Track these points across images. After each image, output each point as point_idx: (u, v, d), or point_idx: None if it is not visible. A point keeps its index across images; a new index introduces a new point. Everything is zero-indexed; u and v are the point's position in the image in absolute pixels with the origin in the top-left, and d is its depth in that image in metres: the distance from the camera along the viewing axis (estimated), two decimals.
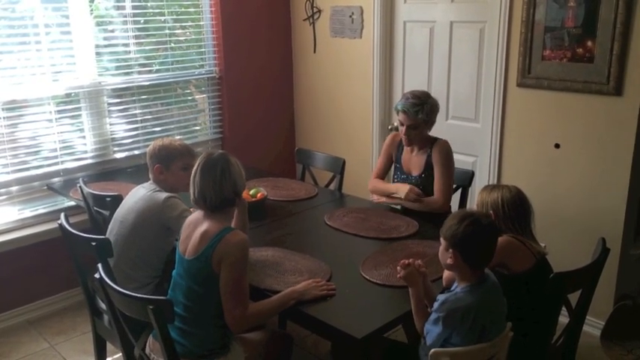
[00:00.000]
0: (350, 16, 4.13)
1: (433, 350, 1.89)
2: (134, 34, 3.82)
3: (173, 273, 2.21)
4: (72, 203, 3.47)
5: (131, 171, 3.76)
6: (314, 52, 4.44)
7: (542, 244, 2.28)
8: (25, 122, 3.46)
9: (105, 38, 3.76)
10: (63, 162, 3.62)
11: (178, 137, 3.98)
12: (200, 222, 2.15)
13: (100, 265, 2.12)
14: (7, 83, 3.34)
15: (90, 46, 3.62)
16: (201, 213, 2.19)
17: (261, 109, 4.49)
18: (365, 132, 4.22)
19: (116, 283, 2.05)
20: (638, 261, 3.30)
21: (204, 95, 4.30)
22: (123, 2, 3.76)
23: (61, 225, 2.51)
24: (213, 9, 4.12)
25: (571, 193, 3.24)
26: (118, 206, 2.65)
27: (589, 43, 3.02)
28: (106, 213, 2.79)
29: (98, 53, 3.70)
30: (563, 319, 2.21)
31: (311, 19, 4.39)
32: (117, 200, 2.71)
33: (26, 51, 3.40)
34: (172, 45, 4.06)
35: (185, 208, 2.49)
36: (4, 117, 3.36)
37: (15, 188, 3.47)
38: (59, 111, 3.58)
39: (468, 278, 1.92)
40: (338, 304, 2.10)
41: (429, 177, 2.97)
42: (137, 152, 3.90)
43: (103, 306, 2.49)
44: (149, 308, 1.85)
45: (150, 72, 3.96)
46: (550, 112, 3.25)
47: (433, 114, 2.95)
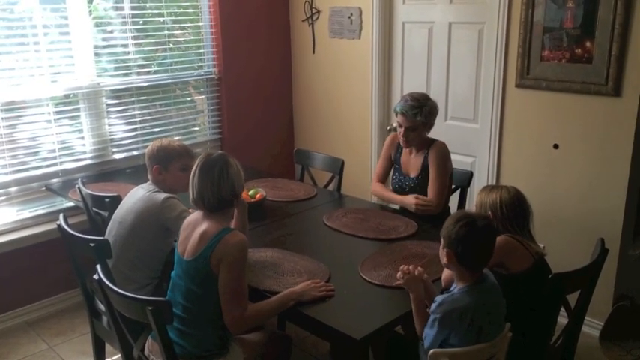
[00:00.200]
0: (349, 17, 4.13)
1: (432, 351, 1.90)
2: (133, 35, 3.82)
3: (172, 274, 2.21)
4: (71, 204, 3.47)
5: (130, 172, 3.76)
6: (313, 53, 4.44)
7: (540, 245, 2.29)
8: (24, 123, 3.46)
9: (104, 39, 3.75)
10: (62, 163, 3.61)
11: (177, 138, 3.99)
12: (199, 223, 2.15)
13: (99, 266, 2.12)
14: (6, 84, 3.33)
15: (89, 47, 3.62)
16: (200, 214, 2.19)
17: (260, 110, 4.49)
18: (364, 133, 4.22)
19: (115, 284, 2.04)
20: (636, 261, 3.30)
21: (203, 96, 4.30)
22: (122, 3, 3.76)
23: (60, 226, 2.51)
24: (212, 10, 4.12)
25: (570, 194, 3.24)
26: (117, 207, 2.65)
27: (587, 44, 3.02)
28: (105, 214, 2.79)
29: (97, 54, 3.70)
30: (562, 320, 2.21)
31: (310, 20, 4.39)
32: (116, 201, 2.71)
33: (25, 52, 3.40)
34: (171, 46, 4.06)
35: (184, 209, 2.49)
36: (3, 118, 3.36)
37: (14, 189, 3.47)
38: (58, 112, 3.58)
39: (466, 279, 1.93)
40: (337, 305, 2.10)
41: (426, 179, 2.96)
42: (136, 153, 3.89)
43: (102, 307, 2.48)
44: (148, 309, 1.85)
45: (149, 73, 3.96)
46: (549, 113, 3.26)
47: (432, 116, 2.94)
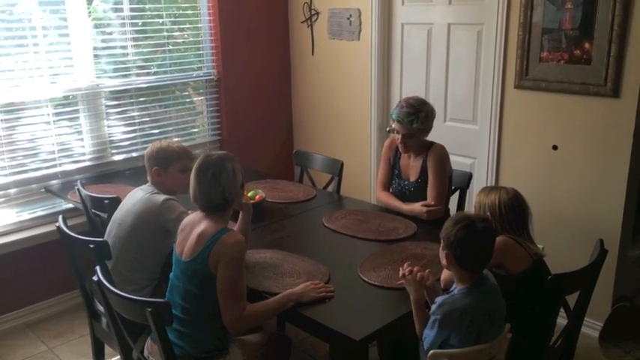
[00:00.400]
0: (348, 19, 4.13)
1: (432, 352, 1.90)
2: (132, 37, 3.82)
3: (170, 275, 2.21)
4: (70, 206, 3.47)
5: (129, 173, 3.76)
6: (312, 54, 4.45)
7: (540, 246, 2.29)
8: (23, 125, 3.46)
9: (103, 40, 3.76)
10: (61, 164, 3.61)
11: (176, 139, 3.98)
12: (197, 223, 2.15)
13: (98, 268, 2.12)
14: (5, 86, 3.33)
15: (88, 49, 3.62)
16: (198, 214, 2.19)
17: (259, 111, 4.49)
18: (363, 134, 4.22)
19: (114, 286, 2.04)
20: (635, 262, 3.30)
21: (202, 97, 4.30)
22: (121, 4, 3.76)
23: (59, 227, 2.51)
24: (211, 11, 4.12)
25: (569, 195, 3.24)
26: (116, 209, 2.65)
27: (586, 45, 3.02)
28: (104, 215, 2.79)
29: (96, 56, 3.70)
30: (561, 321, 2.21)
31: (309, 22, 4.39)
32: (115, 202, 2.71)
33: (24, 53, 3.40)
34: (170, 47, 4.07)
35: (183, 211, 2.48)
36: (2, 119, 3.35)
37: (13, 191, 3.47)
38: (57, 113, 3.58)
39: (466, 280, 1.93)
40: (336, 306, 2.10)
41: (426, 182, 2.94)
42: (135, 154, 3.89)
43: (101, 308, 2.48)
44: (147, 311, 1.85)
45: (148, 74, 3.96)
46: (548, 114, 3.26)
47: (429, 121, 2.90)
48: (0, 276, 3.38)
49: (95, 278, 2.07)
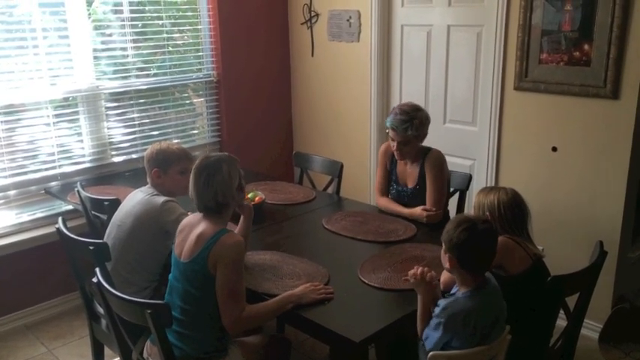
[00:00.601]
0: (347, 20, 4.14)
1: (432, 353, 1.89)
2: (132, 38, 3.83)
3: (169, 276, 2.21)
4: (70, 207, 3.47)
5: (129, 175, 3.76)
6: (312, 56, 4.45)
7: (539, 247, 2.29)
8: (23, 126, 3.46)
9: (103, 42, 3.76)
10: (60, 166, 3.61)
11: (176, 141, 3.98)
12: (196, 224, 2.15)
13: (98, 270, 2.12)
14: (5, 87, 3.33)
15: (88, 50, 3.62)
16: (197, 215, 2.19)
17: (259, 113, 4.49)
18: (363, 135, 4.22)
19: (114, 287, 2.04)
20: (635, 264, 3.31)
21: (202, 99, 4.30)
22: (121, 6, 3.76)
23: (59, 229, 2.51)
24: (210, 13, 4.13)
25: (568, 196, 3.24)
26: (116, 210, 2.65)
27: (586, 47, 3.02)
28: (104, 217, 2.79)
29: (96, 57, 3.70)
30: (561, 322, 2.21)
31: (309, 23, 4.39)
32: (115, 204, 2.71)
33: (24, 55, 3.40)
34: (170, 49, 4.07)
35: (183, 212, 2.48)
36: (2, 121, 3.35)
37: (12, 192, 3.46)
38: (57, 115, 3.58)
39: (469, 283, 1.92)
40: (336, 308, 2.10)
41: (424, 188, 2.93)
42: (135, 156, 3.89)
43: (101, 310, 2.48)
44: (147, 312, 1.85)
45: (148, 76, 3.96)
46: (547, 116, 3.26)
47: (423, 127, 2.89)
48: (0, 278, 3.38)
49: (95, 280, 2.07)
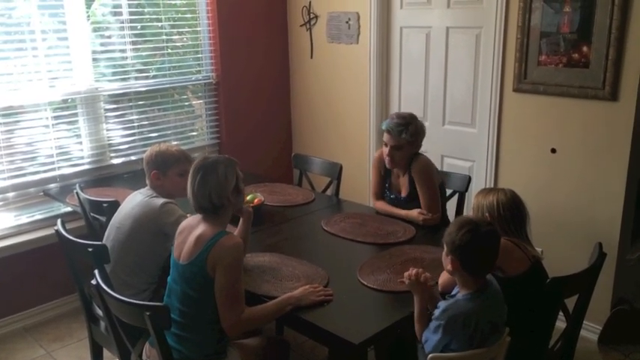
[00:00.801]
0: (346, 22, 4.14)
1: (431, 355, 1.89)
2: (131, 40, 3.83)
3: (168, 279, 2.21)
4: (68, 209, 3.47)
5: (128, 177, 3.76)
6: (311, 58, 4.45)
7: (538, 249, 2.29)
8: (22, 128, 3.46)
9: (102, 44, 3.76)
10: (59, 168, 3.61)
11: (175, 143, 3.98)
12: (195, 226, 2.15)
13: (97, 272, 2.12)
14: (4, 89, 3.33)
15: (87, 52, 3.62)
16: (196, 217, 2.19)
17: (258, 115, 4.49)
18: (362, 137, 4.23)
19: (113, 290, 2.04)
20: (634, 266, 3.30)
21: (201, 101, 4.30)
22: (120, 8, 3.76)
23: (58, 231, 2.50)
24: (210, 15, 4.13)
25: (567, 198, 3.24)
26: (115, 212, 2.64)
27: (584, 49, 3.03)
28: (103, 219, 2.79)
29: (95, 59, 3.70)
30: (560, 324, 2.21)
31: (308, 25, 4.40)
32: (114, 206, 2.71)
33: (23, 57, 3.40)
34: (169, 51, 4.07)
35: (182, 214, 2.48)
36: (1, 123, 3.35)
37: (11, 194, 3.46)
38: (56, 117, 3.58)
39: (470, 285, 1.92)
40: (335, 310, 2.10)
41: (417, 195, 2.93)
42: (134, 158, 3.89)
43: (100, 312, 2.48)
44: (146, 315, 1.85)
45: (147, 78, 3.96)
46: (546, 118, 3.26)
47: (418, 136, 2.92)
48: None
49: (94, 282, 2.06)
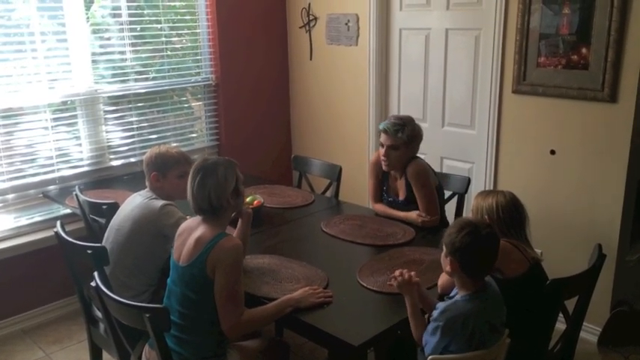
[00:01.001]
0: (346, 24, 4.14)
1: (431, 357, 1.89)
2: (130, 42, 3.83)
3: (168, 280, 2.20)
4: (68, 211, 3.47)
5: (127, 179, 3.76)
6: (310, 60, 4.45)
7: (537, 251, 2.29)
8: (21, 130, 3.46)
9: (101, 46, 3.76)
10: (59, 170, 3.61)
11: (175, 145, 3.98)
12: (194, 228, 2.15)
13: (96, 274, 2.12)
14: (3, 91, 3.33)
15: (86, 54, 3.62)
16: (196, 219, 2.19)
17: (257, 116, 4.50)
18: (361, 139, 4.23)
19: (112, 292, 2.04)
20: (634, 267, 3.31)
21: (200, 102, 4.30)
22: (119, 10, 3.76)
23: (57, 233, 2.50)
24: (209, 16, 4.13)
25: (567, 200, 3.25)
26: (115, 214, 2.64)
27: (584, 50, 3.03)
28: (102, 221, 2.78)
29: (94, 61, 3.70)
30: (560, 326, 2.21)
31: (307, 27, 4.40)
32: (113, 208, 2.71)
33: (22, 59, 3.40)
34: (169, 52, 4.07)
35: (181, 216, 2.48)
36: (0, 125, 3.35)
37: (11, 196, 3.46)
38: (55, 119, 3.58)
39: (468, 287, 1.92)
40: (335, 312, 2.10)
41: (414, 198, 2.94)
42: (133, 160, 3.89)
43: (99, 314, 2.48)
44: (145, 317, 1.85)
45: (146, 79, 3.96)
46: (545, 119, 3.26)
47: (414, 138, 2.92)
48: None
49: (93, 284, 2.06)
